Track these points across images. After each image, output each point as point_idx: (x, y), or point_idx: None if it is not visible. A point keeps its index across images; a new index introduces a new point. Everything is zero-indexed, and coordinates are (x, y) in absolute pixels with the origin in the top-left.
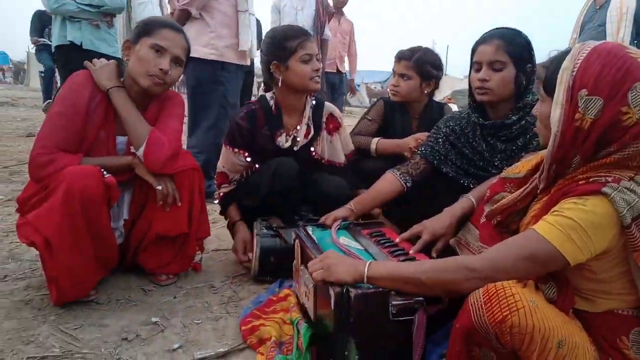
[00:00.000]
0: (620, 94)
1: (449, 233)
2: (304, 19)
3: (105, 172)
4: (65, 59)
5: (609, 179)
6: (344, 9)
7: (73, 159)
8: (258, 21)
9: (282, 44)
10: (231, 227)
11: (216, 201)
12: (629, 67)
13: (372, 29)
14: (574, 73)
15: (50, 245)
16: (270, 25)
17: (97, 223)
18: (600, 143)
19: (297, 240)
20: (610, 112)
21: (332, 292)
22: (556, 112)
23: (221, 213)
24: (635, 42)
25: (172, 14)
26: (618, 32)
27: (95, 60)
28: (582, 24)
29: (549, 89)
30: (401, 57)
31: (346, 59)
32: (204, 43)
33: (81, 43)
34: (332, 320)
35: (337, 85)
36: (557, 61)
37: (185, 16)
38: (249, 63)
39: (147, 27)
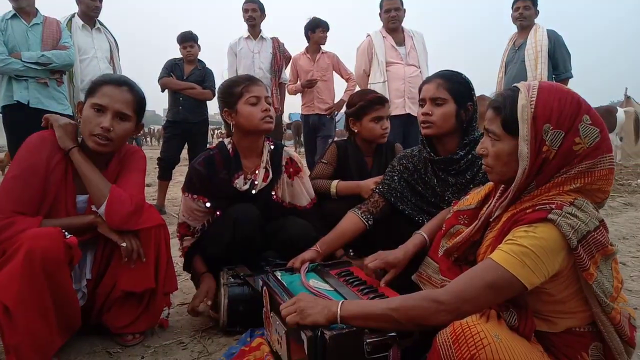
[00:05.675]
0: (574, 126)
1: (400, 266)
2: (261, 62)
3: (66, 233)
4: (12, 120)
5: (553, 206)
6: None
7: (32, 222)
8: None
9: (229, 91)
10: (197, 279)
11: (180, 256)
12: (578, 100)
13: None
14: (533, 109)
15: (9, 312)
16: (227, 68)
17: (60, 286)
18: (557, 169)
19: (264, 287)
20: (568, 143)
21: (304, 337)
22: (524, 148)
23: (184, 267)
24: (552, 76)
25: None
26: (536, 68)
27: (56, 115)
28: (505, 64)
29: (509, 128)
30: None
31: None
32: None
33: (28, 102)
34: None
35: (319, 128)
36: (508, 102)
37: None
38: None
39: (92, 86)
